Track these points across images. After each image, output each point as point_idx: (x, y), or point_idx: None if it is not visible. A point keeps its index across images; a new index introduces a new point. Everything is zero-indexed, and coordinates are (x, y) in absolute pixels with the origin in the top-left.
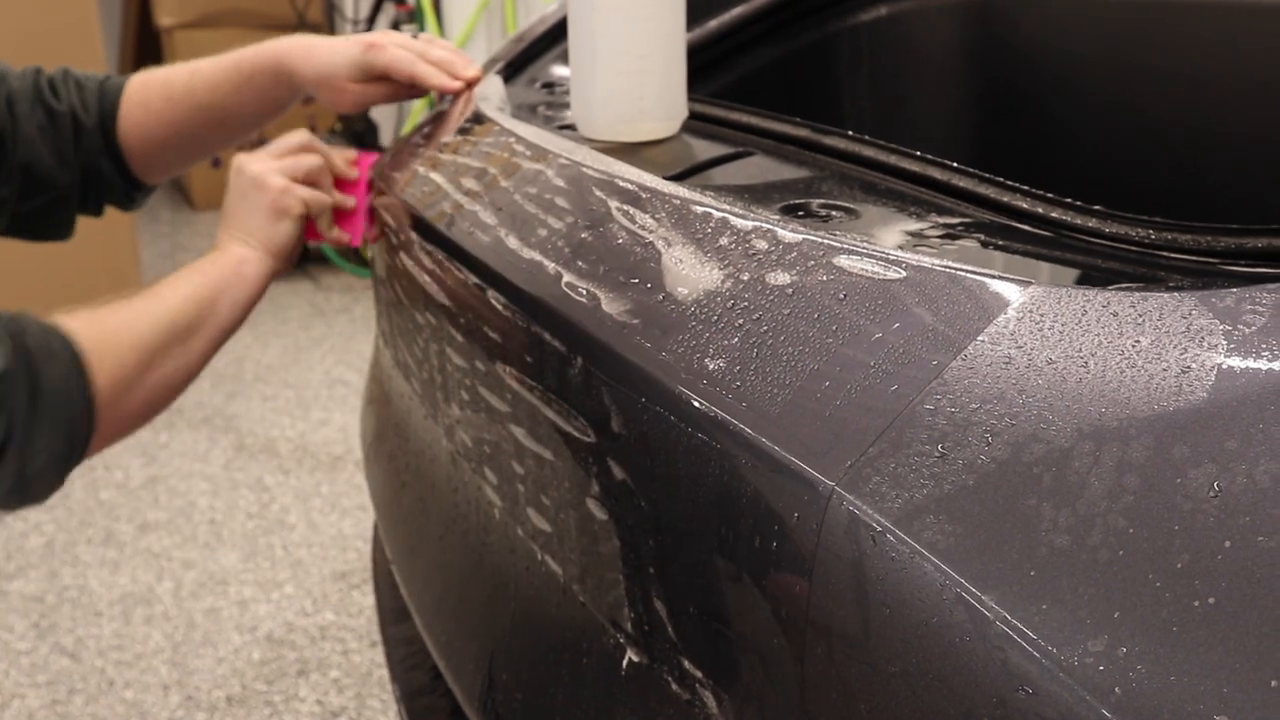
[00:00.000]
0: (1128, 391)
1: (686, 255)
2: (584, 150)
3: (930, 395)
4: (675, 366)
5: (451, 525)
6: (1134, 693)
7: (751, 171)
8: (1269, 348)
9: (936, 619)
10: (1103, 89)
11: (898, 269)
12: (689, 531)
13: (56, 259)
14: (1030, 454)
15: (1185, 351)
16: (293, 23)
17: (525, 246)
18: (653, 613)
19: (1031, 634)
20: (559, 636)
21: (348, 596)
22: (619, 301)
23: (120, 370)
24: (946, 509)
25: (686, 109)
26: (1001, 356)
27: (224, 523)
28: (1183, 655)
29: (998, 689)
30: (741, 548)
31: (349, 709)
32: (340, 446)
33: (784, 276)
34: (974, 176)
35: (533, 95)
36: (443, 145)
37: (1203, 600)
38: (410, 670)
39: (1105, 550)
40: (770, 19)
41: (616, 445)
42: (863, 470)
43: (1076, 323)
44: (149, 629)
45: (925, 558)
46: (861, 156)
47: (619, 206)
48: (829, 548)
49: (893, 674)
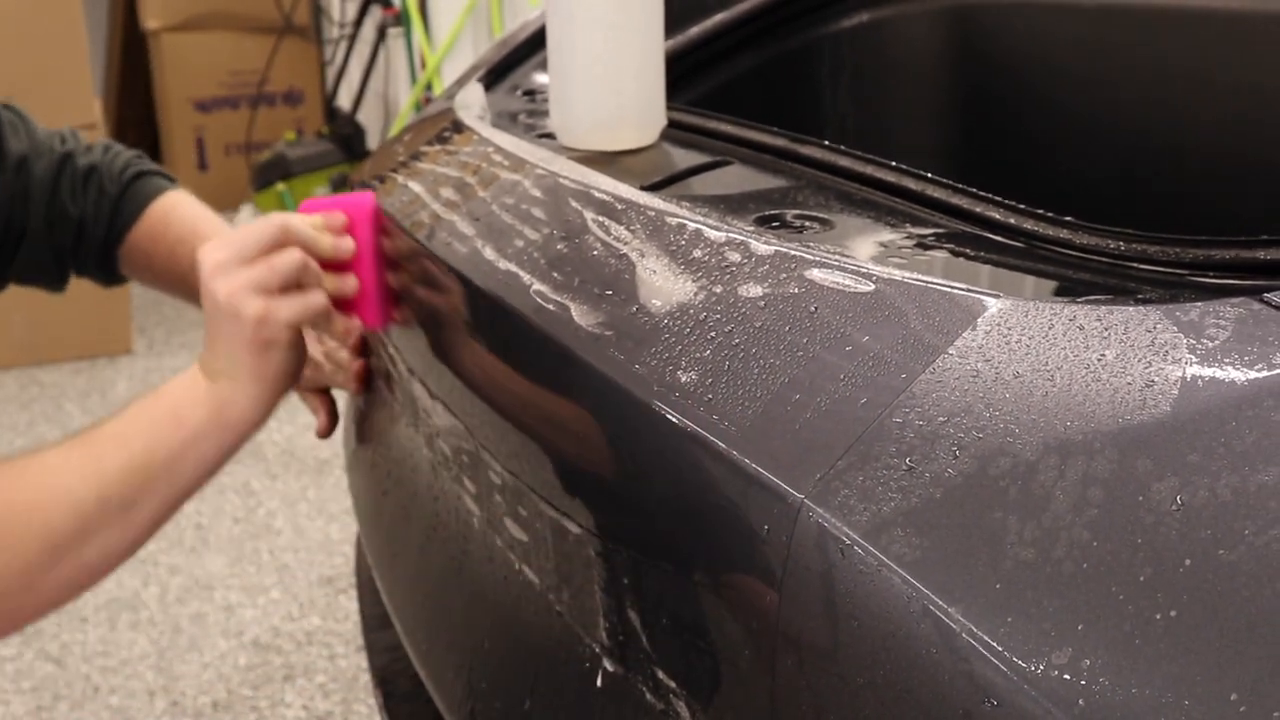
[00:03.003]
0: (1092, 405)
1: (660, 267)
2: (561, 160)
3: (899, 408)
4: (648, 379)
5: (432, 534)
6: (1097, 704)
7: (728, 181)
8: (1231, 361)
9: (904, 631)
10: (1081, 98)
11: (868, 281)
12: (662, 543)
13: None
14: (997, 467)
15: (1149, 365)
16: (279, 25)
17: (501, 257)
18: (627, 623)
19: (997, 646)
20: (537, 646)
21: (334, 601)
22: (592, 313)
23: (21, 565)
24: (914, 522)
25: (665, 118)
26: (969, 370)
27: (210, 527)
28: (1145, 667)
29: (964, 701)
30: (713, 559)
31: (335, 714)
32: (327, 451)
33: (756, 289)
34: (947, 187)
35: (514, 103)
36: (421, 154)
37: (1165, 613)
38: (393, 677)
39: (1069, 563)
40: (750, 26)
41: (590, 457)
42: (832, 483)
43: (1043, 336)
44: (134, 634)
45: (893, 570)
46: (837, 166)
47: (594, 218)
48: (799, 560)
49: (861, 685)
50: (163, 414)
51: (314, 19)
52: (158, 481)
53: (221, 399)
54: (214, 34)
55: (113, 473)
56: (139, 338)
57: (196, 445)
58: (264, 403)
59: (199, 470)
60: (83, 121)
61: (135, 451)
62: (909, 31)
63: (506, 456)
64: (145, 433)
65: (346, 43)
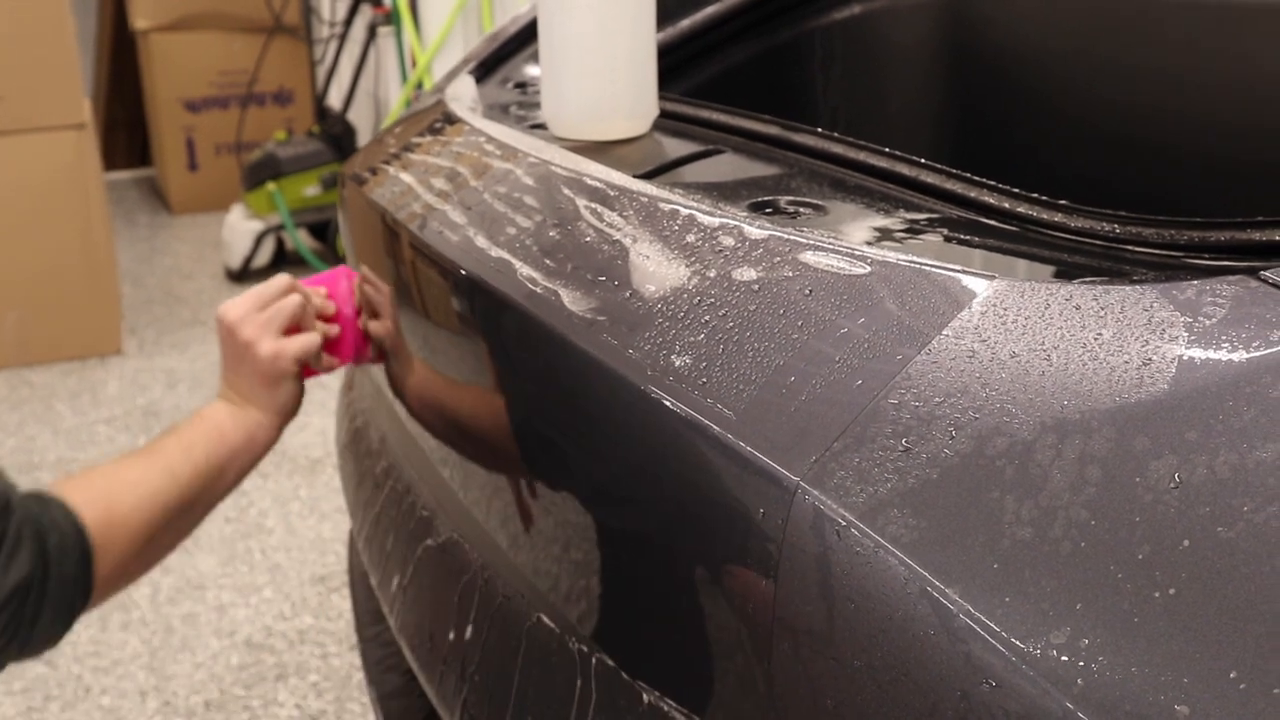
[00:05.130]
0: (1090, 384)
1: (654, 252)
2: (553, 149)
3: (894, 390)
4: (642, 363)
5: (425, 527)
6: (1096, 684)
7: (721, 169)
8: (1228, 340)
9: (901, 613)
10: (1073, 85)
11: (863, 264)
12: (656, 528)
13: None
14: (993, 447)
15: (1146, 344)
16: (269, 25)
17: (494, 245)
18: (621, 610)
19: (995, 626)
20: (531, 637)
21: (326, 600)
22: (586, 299)
23: (124, 558)
24: (910, 503)
25: (657, 107)
26: (965, 350)
27: (202, 527)
28: (1144, 646)
29: (962, 682)
30: (708, 544)
31: (328, 713)
32: (319, 450)
33: (750, 273)
34: (941, 172)
35: (505, 95)
36: (413, 146)
37: (1163, 591)
38: (386, 672)
39: (1067, 542)
40: (743, 18)
41: (583, 442)
42: (828, 465)
43: (1039, 316)
44: (126, 635)
45: (889, 551)
46: (830, 153)
47: (587, 205)
48: (794, 543)
49: (858, 668)
50: (212, 432)
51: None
52: (213, 485)
53: (252, 422)
54: (204, 34)
55: (186, 478)
56: (129, 338)
57: (236, 459)
58: (279, 429)
59: (235, 480)
60: (72, 121)
61: (199, 462)
62: (900, 23)
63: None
64: (202, 447)
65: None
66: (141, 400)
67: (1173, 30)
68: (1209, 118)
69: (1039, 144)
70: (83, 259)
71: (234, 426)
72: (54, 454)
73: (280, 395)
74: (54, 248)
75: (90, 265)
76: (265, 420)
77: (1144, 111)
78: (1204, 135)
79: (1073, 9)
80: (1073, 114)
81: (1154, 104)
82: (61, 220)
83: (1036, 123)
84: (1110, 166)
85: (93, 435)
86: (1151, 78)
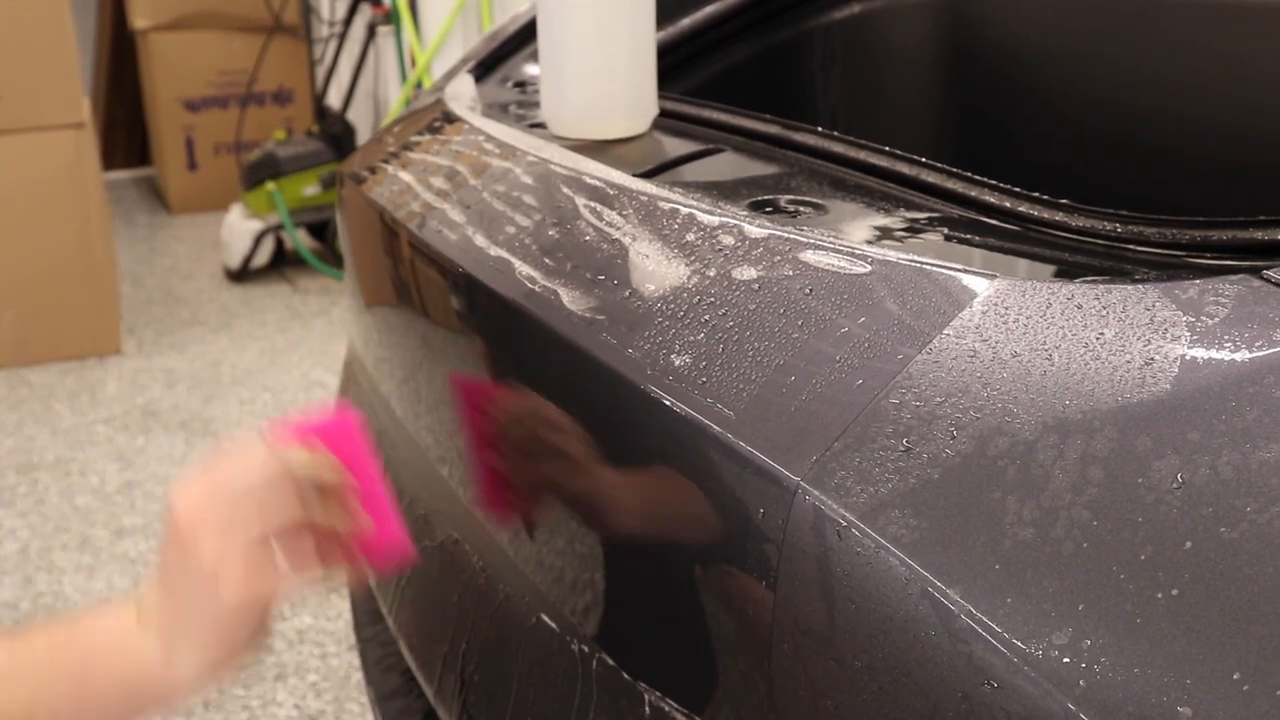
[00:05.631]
0: (1091, 384)
1: (653, 251)
2: (552, 148)
3: (895, 389)
4: (641, 362)
5: (424, 525)
6: (1098, 685)
7: (721, 168)
8: (1231, 339)
9: (902, 613)
10: (1073, 86)
11: (863, 263)
12: (656, 528)
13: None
14: (995, 447)
15: (1149, 343)
16: (269, 24)
17: (493, 244)
18: (621, 610)
19: (996, 627)
20: (530, 636)
21: (325, 600)
22: (586, 298)
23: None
24: (911, 503)
25: (657, 106)
26: (966, 350)
27: None
28: (1146, 647)
29: (963, 683)
30: (708, 544)
31: (327, 713)
32: None
33: (750, 272)
34: (941, 171)
35: (504, 94)
36: (413, 145)
37: (1166, 592)
38: (385, 672)
39: (1069, 543)
40: (742, 17)
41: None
42: (828, 465)
43: (1041, 315)
44: None
45: (890, 552)
46: (830, 152)
47: (586, 204)
48: (795, 543)
49: (859, 669)
50: (74, 663)
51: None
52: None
53: (146, 662)
54: (203, 33)
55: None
56: (128, 338)
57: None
58: (199, 681)
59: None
60: (71, 121)
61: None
62: (900, 23)
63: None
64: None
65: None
66: (140, 400)
67: (1173, 30)
68: (1209, 118)
69: (1039, 144)
70: (82, 258)
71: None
72: (53, 454)
73: (230, 645)
74: (53, 247)
75: (89, 265)
76: (180, 668)
77: (1144, 112)
78: (1204, 136)
79: (1073, 9)
80: (1073, 114)
81: (1154, 104)
82: (60, 220)
83: (1036, 123)
84: (1110, 167)
85: (91, 435)
86: (1152, 78)
